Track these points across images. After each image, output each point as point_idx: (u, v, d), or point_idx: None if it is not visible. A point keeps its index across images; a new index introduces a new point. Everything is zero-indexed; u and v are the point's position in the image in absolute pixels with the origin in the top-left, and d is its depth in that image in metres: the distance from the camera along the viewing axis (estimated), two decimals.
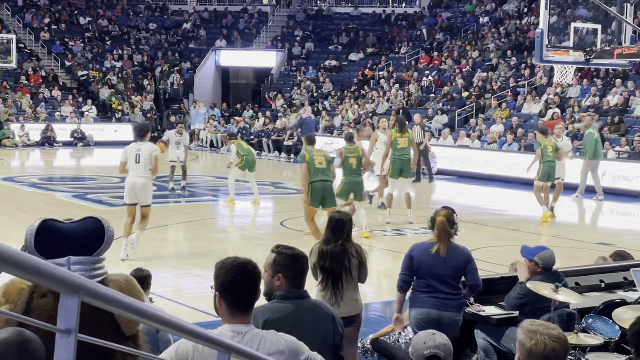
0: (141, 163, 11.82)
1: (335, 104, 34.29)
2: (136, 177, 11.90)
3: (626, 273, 8.08)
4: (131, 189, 11.97)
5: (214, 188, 21.72)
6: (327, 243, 6.72)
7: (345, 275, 6.64)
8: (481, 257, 12.29)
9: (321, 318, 4.45)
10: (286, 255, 4.50)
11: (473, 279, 6.73)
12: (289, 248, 4.57)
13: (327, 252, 6.66)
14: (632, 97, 25.65)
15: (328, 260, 6.64)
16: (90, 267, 2.75)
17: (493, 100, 29.01)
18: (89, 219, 2.87)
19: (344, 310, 6.61)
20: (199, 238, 14.17)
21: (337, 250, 6.64)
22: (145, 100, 37.31)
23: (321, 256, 6.68)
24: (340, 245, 6.65)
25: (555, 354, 3.37)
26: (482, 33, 36.49)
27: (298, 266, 4.49)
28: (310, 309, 4.45)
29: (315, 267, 6.76)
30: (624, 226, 17.88)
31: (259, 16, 44.03)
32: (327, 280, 6.66)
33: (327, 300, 6.61)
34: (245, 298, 3.54)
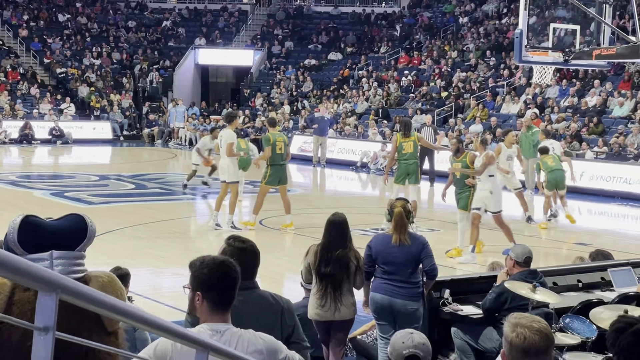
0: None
1: (315, 103, 34.29)
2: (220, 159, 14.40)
3: (604, 273, 8.14)
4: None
5: (192, 186, 21.65)
6: (331, 247, 6.69)
7: (345, 280, 6.69)
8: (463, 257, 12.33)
9: (267, 310, 4.40)
10: (235, 247, 4.48)
11: (428, 265, 6.86)
12: (240, 240, 4.54)
13: (330, 258, 6.64)
14: (611, 98, 25.83)
15: (331, 266, 6.63)
16: (72, 263, 2.73)
17: (472, 101, 29.12)
18: (71, 216, 2.86)
19: (344, 314, 6.67)
20: (178, 236, 14.12)
21: (342, 256, 6.65)
22: (125, 98, 37.14)
23: (323, 261, 6.65)
24: (345, 251, 6.67)
25: (535, 347, 3.37)
26: (461, 33, 36.62)
27: (246, 259, 4.44)
28: (256, 301, 4.41)
29: (310, 268, 6.76)
30: (602, 226, 18.00)
31: (238, 15, 43.95)
32: (326, 286, 6.65)
33: (324, 306, 6.62)
34: (228, 297, 3.54)
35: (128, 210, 16.91)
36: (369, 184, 24.65)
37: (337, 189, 24.11)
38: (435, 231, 14.71)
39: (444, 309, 7.07)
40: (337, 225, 6.77)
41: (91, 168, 25.41)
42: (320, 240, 6.81)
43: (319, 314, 6.68)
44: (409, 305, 6.83)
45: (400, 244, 6.85)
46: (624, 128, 23.42)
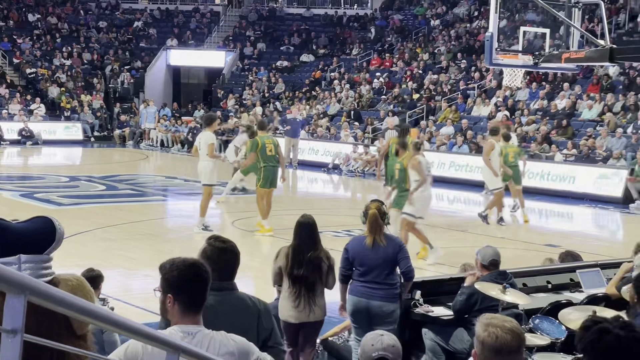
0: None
1: (287, 105, 34.28)
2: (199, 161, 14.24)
3: (572, 274, 8.21)
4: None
5: (164, 188, 21.57)
6: (303, 249, 6.68)
7: (318, 282, 6.69)
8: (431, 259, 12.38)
9: (244, 312, 4.39)
10: (215, 247, 4.47)
11: (405, 266, 6.88)
12: (221, 241, 4.53)
13: (303, 260, 6.63)
14: (579, 101, 26.06)
15: (304, 268, 6.62)
16: (40, 267, 2.71)
17: (443, 103, 29.26)
18: (38, 218, 2.83)
19: (317, 316, 6.68)
20: (149, 238, 14.06)
21: (314, 258, 6.65)
22: (95, 99, 36.89)
23: (295, 264, 6.64)
24: (317, 252, 6.67)
25: (507, 346, 3.40)
26: (432, 36, 36.78)
27: (226, 259, 4.44)
28: (233, 302, 4.39)
29: (281, 271, 6.75)
30: (570, 228, 18.16)
31: (210, 16, 43.83)
32: (299, 288, 6.64)
33: (297, 307, 6.62)
34: (199, 298, 3.53)
35: (98, 211, 16.81)
36: (341, 185, 24.68)
37: (309, 191, 24.12)
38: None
39: (415, 310, 7.09)
40: (306, 227, 6.77)
41: (61, 169, 25.21)
42: (291, 243, 6.80)
43: (293, 316, 6.67)
44: (385, 306, 6.84)
45: (376, 246, 6.87)
46: (592, 130, 23.64)
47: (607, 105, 24.94)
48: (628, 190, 20.05)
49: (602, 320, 3.61)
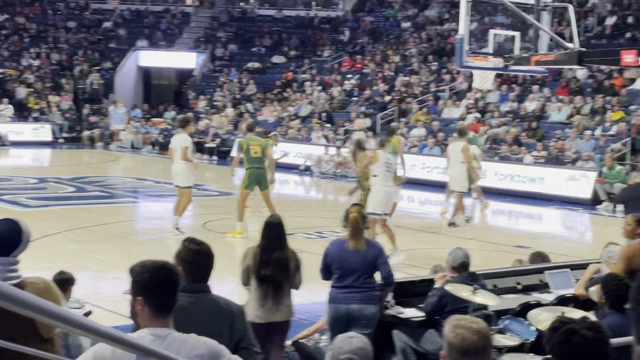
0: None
1: (259, 107, 34.22)
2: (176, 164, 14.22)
3: (541, 275, 8.28)
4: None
5: (133, 189, 21.44)
6: (269, 250, 6.66)
7: (285, 282, 6.67)
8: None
9: (217, 315, 4.38)
10: (189, 249, 4.48)
11: (385, 271, 6.88)
12: (196, 242, 4.53)
13: (270, 260, 6.61)
14: (549, 104, 26.28)
15: (271, 268, 6.60)
16: (6, 269, 2.67)
17: (414, 105, 29.36)
18: (4, 221, 2.79)
19: (283, 315, 6.66)
20: (119, 240, 13.96)
21: (281, 257, 6.62)
22: (64, 100, 36.58)
23: (263, 264, 6.62)
24: (283, 252, 6.65)
25: (473, 347, 3.42)
26: (404, 38, 36.90)
27: (200, 261, 4.44)
28: (207, 304, 4.39)
29: (248, 271, 6.72)
30: (540, 229, 18.29)
31: (181, 17, 43.63)
32: (267, 288, 6.62)
33: (265, 308, 6.60)
34: (169, 301, 3.51)
35: (67, 213, 16.67)
36: (312, 187, 24.67)
37: (280, 192, 24.08)
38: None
39: (385, 312, 7.10)
40: (273, 226, 6.75)
41: (29, 171, 24.97)
42: (258, 243, 6.78)
43: (258, 316, 6.65)
44: (366, 309, 6.82)
45: (356, 249, 6.86)
46: (562, 133, 23.84)
47: (575, 108, 25.18)
48: (596, 192, 20.24)
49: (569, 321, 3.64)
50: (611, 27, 29.81)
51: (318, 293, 9.41)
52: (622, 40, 28.19)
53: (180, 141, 14.28)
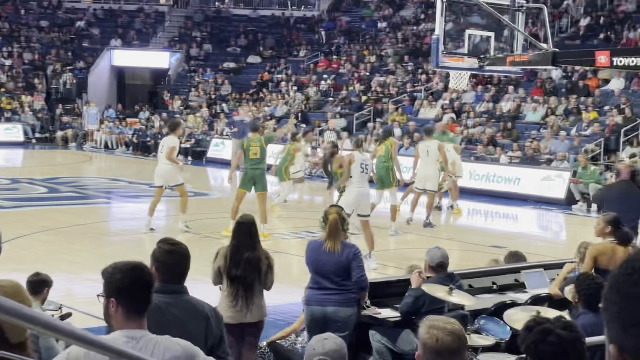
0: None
1: (234, 107, 34.13)
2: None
3: (517, 275, 8.30)
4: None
5: (107, 190, 21.29)
6: (240, 250, 6.62)
7: (256, 282, 6.63)
8: (378, 260, 12.42)
9: (193, 316, 4.35)
10: (163, 249, 4.45)
11: (357, 275, 6.85)
12: (171, 243, 4.50)
13: (241, 260, 6.57)
14: (524, 104, 26.42)
15: (241, 268, 6.56)
16: None
17: (390, 105, 29.41)
18: None
19: (255, 316, 6.63)
20: (93, 241, 13.85)
21: (252, 258, 6.59)
22: (37, 100, 36.28)
23: (233, 264, 6.59)
24: (254, 252, 6.61)
25: (447, 348, 3.42)
26: (380, 38, 36.96)
27: (174, 262, 4.40)
28: (182, 305, 4.35)
29: (220, 272, 6.69)
30: (516, 229, 18.37)
31: (155, 16, 43.40)
32: (237, 288, 6.59)
33: (236, 308, 6.57)
34: (143, 302, 3.47)
35: (40, 214, 16.52)
36: None
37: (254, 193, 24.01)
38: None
39: (362, 312, 7.09)
40: (245, 226, 6.72)
41: (1, 171, 24.73)
42: (229, 243, 6.75)
43: (230, 316, 6.62)
44: (341, 311, 6.79)
45: (332, 251, 6.83)
46: (537, 133, 23.97)
47: (550, 108, 25.32)
48: (571, 192, 20.36)
49: (544, 320, 3.65)
50: (585, 27, 30.02)
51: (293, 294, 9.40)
52: (595, 41, 28.41)
53: (168, 142, 14.55)
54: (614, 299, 1.39)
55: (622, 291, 1.37)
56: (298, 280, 8.52)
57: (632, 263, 1.39)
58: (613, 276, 1.41)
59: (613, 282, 1.40)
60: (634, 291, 1.35)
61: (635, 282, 1.35)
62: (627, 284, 1.37)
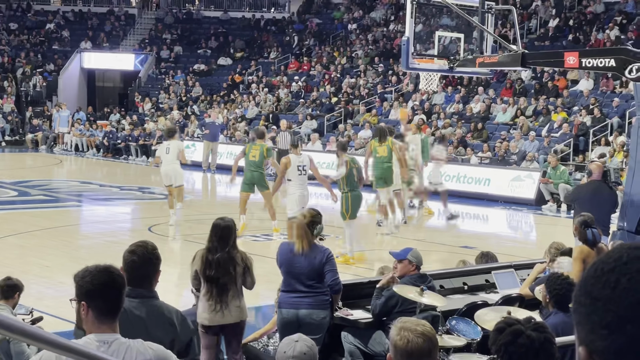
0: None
1: (205, 109, 34.04)
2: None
3: (488, 275, 8.36)
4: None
5: (78, 193, 21.15)
6: (213, 251, 6.62)
7: (231, 283, 6.62)
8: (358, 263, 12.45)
9: (157, 322, 4.34)
10: (127, 251, 4.47)
11: (331, 279, 6.85)
12: (136, 244, 4.50)
13: (213, 261, 6.58)
14: (494, 105, 26.59)
15: (214, 269, 6.56)
16: None
17: (361, 106, 29.48)
18: None
19: (230, 318, 6.62)
20: (64, 245, 13.76)
21: (224, 259, 6.58)
22: (6, 103, 35.96)
23: (207, 265, 6.59)
24: (227, 253, 6.60)
25: (418, 350, 3.44)
26: (350, 40, 37.02)
27: (135, 263, 4.39)
28: (149, 310, 4.34)
29: (198, 274, 6.68)
30: (486, 229, 18.49)
31: (125, 18, 43.18)
32: (212, 289, 6.59)
33: (212, 309, 6.56)
34: (114, 304, 3.46)
35: (10, 218, 16.38)
36: None
37: (227, 195, 23.98)
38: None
39: (334, 314, 7.10)
40: (218, 228, 6.72)
41: None
42: (205, 245, 6.76)
43: (207, 318, 6.62)
44: (315, 314, 6.79)
45: (303, 254, 6.83)
46: (506, 134, 24.13)
47: (520, 109, 25.51)
48: (541, 192, 20.52)
49: (514, 322, 3.69)
50: (554, 29, 30.28)
51: (263, 296, 9.40)
52: (564, 42, 28.66)
53: (179, 145, 15.83)
54: (583, 301, 1.39)
55: (592, 294, 1.37)
56: (270, 282, 8.52)
57: (601, 265, 1.39)
58: (583, 278, 1.42)
59: (583, 284, 1.41)
60: (604, 293, 1.36)
61: (605, 284, 1.36)
62: (596, 286, 1.38)
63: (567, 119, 24.05)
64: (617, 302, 1.35)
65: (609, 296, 1.36)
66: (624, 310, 1.34)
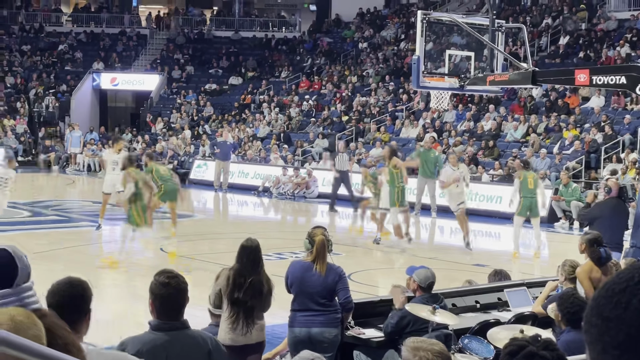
0: None
1: (216, 128, 34.15)
2: None
3: (500, 294, 8.33)
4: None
5: (91, 213, 21.20)
6: (245, 273, 6.59)
7: (259, 305, 6.63)
8: (361, 280, 12.44)
9: (194, 352, 4.33)
10: (157, 282, 4.39)
11: (343, 297, 6.86)
12: (167, 276, 4.42)
13: (245, 284, 6.54)
14: (505, 122, 26.58)
15: (245, 291, 6.53)
16: (17, 298, 2.53)
17: (372, 125, 29.51)
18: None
19: (256, 337, 6.63)
20: (77, 265, 13.78)
21: (258, 281, 6.58)
22: (19, 123, 36.18)
23: (237, 287, 6.55)
24: (259, 277, 6.60)
25: None
26: (361, 58, 37.12)
27: (168, 295, 4.34)
28: (183, 341, 4.32)
29: (221, 293, 6.66)
30: (498, 247, 18.42)
31: (137, 39, 43.45)
32: (239, 312, 6.56)
33: (238, 331, 6.55)
34: (68, 316, 3.31)
35: (23, 239, 16.42)
36: (271, 208, 24.63)
37: (239, 214, 24.02)
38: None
39: (346, 333, 7.10)
40: (250, 250, 6.70)
41: None
42: (233, 265, 6.71)
43: (232, 339, 6.61)
44: (327, 332, 6.80)
45: (317, 273, 6.83)
46: (518, 151, 24.10)
47: (531, 127, 25.48)
48: (553, 210, 20.45)
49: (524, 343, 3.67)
50: (564, 46, 30.29)
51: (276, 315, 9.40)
52: (575, 59, 28.65)
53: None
54: (594, 321, 1.39)
55: (604, 314, 1.37)
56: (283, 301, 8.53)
57: (612, 286, 1.39)
58: (594, 298, 1.42)
59: (594, 305, 1.41)
60: (615, 313, 1.36)
61: (616, 304, 1.36)
62: (607, 306, 1.37)
63: (578, 136, 24.00)
64: (629, 322, 1.35)
65: (620, 316, 1.36)
66: (636, 331, 1.34)
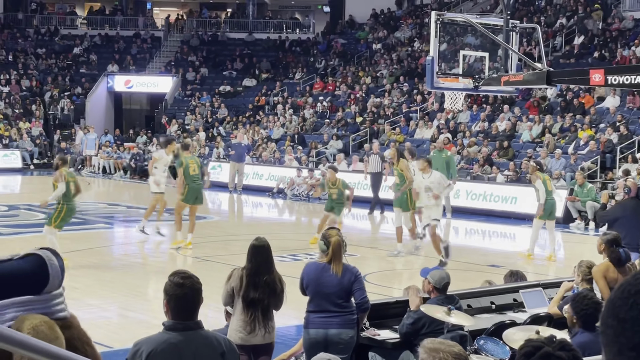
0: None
1: (230, 130, 34.22)
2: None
3: (516, 295, 8.31)
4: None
5: (107, 215, 21.30)
6: (259, 273, 6.60)
7: (273, 304, 6.64)
8: (376, 281, 12.44)
9: (207, 352, 4.35)
10: (172, 283, 4.42)
11: (360, 297, 6.86)
12: (181, 276, 4.45)
13: (258, 284, 6.55)
14: (519, 123, 26.49)
15: (260, 291, 6.54)
16: (45, 305, 2.53)
17: (386, 126, 29.48)
18: (25, 258, 2.62)
19: (270, 337, 6.65)
20: (93, 267, 13.84)
21: (272, 280, 6.59)
22: (35, 126, 36.37)
23: (252, 287, 6.56)
24: (272, 276, 6.62)
25: None
26: (375, 59, 37.10)
27: (183, 296, 4.37)
28: (197, 342, 4.34)
29: (233, 292, 6.67)
30: (513, 248, 18.37)
31: (151, 41, 43.61)
32: (254, 311, 6.56)
33: (249, 331, 6.55)
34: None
35: (40, 241, 16.48)
36: (285, 209, 24.65)
37: (253, 216, 24.06)
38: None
39: (361, 334, 7.10)
40: (261, 249, 6.71)
41: (0, 198, 24.73)
42: (245, 265, 6.72)
43: (244, 339, 6.60)
44: (344, 333, 6.79)
45: (334, 273, 6.82)
46: (532, 152, 24.02)
47: (546, 127, 25.40)
48: (568, 210, 20.38)
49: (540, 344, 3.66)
50: (579, 46, 30.18)
51: (289, 317, 9.41)
52: (589, 59, 28.54)
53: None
54: (610, 322, 1.38)
55: (619, 315, 1.37)
56: (294, 302, 8.53)
57: (628, 287, 1.38)
58: (610, 300, 1.42)
59: (610, 306, 1.40)
60: (631, 315, 1.35)
61: (632, 305, 1.36)
62: (623, 307, 1.37)
63: (593, 137, 23.90)
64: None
65: (636, 318, 1.35)
66: None
